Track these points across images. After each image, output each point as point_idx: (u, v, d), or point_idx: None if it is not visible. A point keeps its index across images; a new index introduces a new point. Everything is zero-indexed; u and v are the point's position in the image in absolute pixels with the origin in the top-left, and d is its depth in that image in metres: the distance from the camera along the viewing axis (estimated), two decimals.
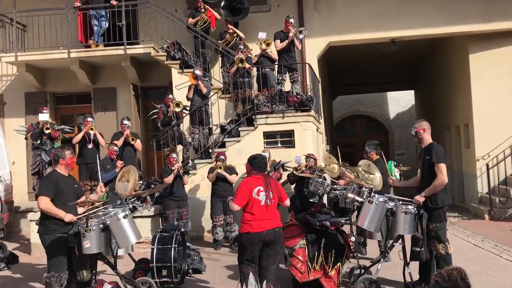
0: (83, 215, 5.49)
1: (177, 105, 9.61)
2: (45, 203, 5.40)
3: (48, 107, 11.52)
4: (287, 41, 9.90)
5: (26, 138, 9.77)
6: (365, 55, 15.13)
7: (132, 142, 9.44)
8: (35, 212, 8.78)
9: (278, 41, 10.00)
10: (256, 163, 5.39)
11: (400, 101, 23.70)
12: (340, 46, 12.27)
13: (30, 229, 8.82)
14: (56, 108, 12.55)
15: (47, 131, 9.20)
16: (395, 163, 9.69)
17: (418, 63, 17.77)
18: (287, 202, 5.54)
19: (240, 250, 5.28)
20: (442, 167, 5.66)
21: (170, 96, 9.90)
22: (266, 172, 8.31)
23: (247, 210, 5.19)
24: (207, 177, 8.79)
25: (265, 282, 5.20)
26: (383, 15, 11.49)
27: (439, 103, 15.47)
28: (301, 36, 10.04)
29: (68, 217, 5.43)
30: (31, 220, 8.65)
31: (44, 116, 9.26)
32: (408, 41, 12.45)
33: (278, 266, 5.37)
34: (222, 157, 8.65)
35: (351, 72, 18.40)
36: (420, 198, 5.70)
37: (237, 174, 8.77)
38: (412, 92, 22.11)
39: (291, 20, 10.04)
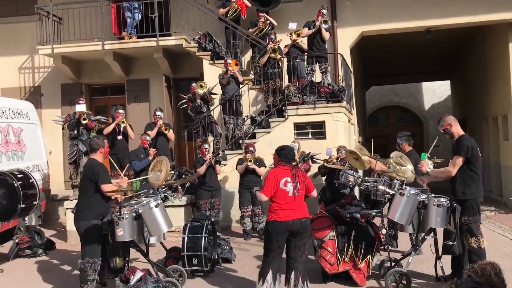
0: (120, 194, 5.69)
1: (201, 86, 9.65)
2: (109, 188, 5.68)
3: (83, 98, 11.83)
4: (313, 29, 9.81)
5: (63, 128, 10.04)
6: (400, 44, 14.81)
7: (166, 132, 9.57)
8: (71, 200, 9.05)
9: (306, 29, 9.94)
10: (284, 154, 5.39)
11: (435, 91, 23.13)
12: (374, 36, 12.05)
13: (66, 217, 9.10)
14: (91, 99, 12.84)
15: (84, 122, 9.44)
16: (429, 155, 9.47)
17: (455, 52, 17.28)
18: (314, 193, 5.52)
19: (266, 239, 5.31)
20: (458, 160, 5.54)
21: (194, 84, 9.95)
22: (294, 163, 8.37)
23: (274, 200, 5.21)
24: (236, 169, 8.82)
25: (293, 272, 5.21)
26: (418, 3, 11.21)
27: (477, 93, 15.02)
28: (325, 26, 9.88)
29: (122, 181, 5.91)
30: (67, 208, 8.92)
31: (81, 107, 9.51)
32: (445, 30, 12.11)
33: (306, 257, 5.35)
34: (251, 148, 8.66)
35: (385, 62, 18.05)
36: (420, 180, 5.92)
37: (265, 166, 8.78)
38: (448, 82, 21.54)
39: (323, 11, 9.93)
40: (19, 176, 7.02)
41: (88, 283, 5.60)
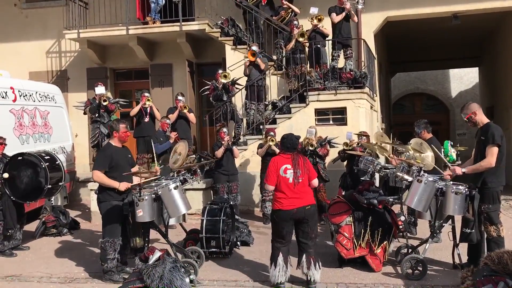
0: (137, 184, 5.77)
1: (225, 76, 9.70)
2: (99, 176, 5.74)
3: (108, 82, 12.04)
4: (344, 13, 9.70)
5: (84, 113, 10.25)
6: (426, 30, 14.51)
7: (185, 111, 9.68)
8: (94, 182, 9.26)
9: (334, 14, 9.81)
10: (284, 142, 5.48)
11: (463, 79, 22.63)
12: (399, 21, 11.84)
13: (90, 198, 9.32)
14: (116, 84, 13.05)
15: (104, 103, 9.62)
16: (452, 143, 9.35)
17: (484, 38, 16.82)
18: (315, 182, 5.49)
19: (273, 226, 5.41)
20: (494, 149, 5.41)
21: (220, 71, 10.00)
22: (312, 149, 8.37)
23: (277, 188, 5.31)
24: (257, 153, 8.88)
25: (304, 255, 5.29)
26: None
27: (505, 81, 14.61)
28: (359, 7, 9.74)
29: (122, 186, 5.74)
30: (91, 190, 9.11)
31: (101, 89, 9.72)
32: (473, 15, 11.81)
33: (317, 241, 5.40)
34: (271, 133, 8.68)
35: (410, 48, 17.72)
36: (458, 170, 5.59)
37: None
38: (476, 69, 21.02)
39: None
40: (46, 157, 7.23)
41: (108, 262, 5.78)
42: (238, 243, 7.24)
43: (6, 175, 6.90)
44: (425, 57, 18.98)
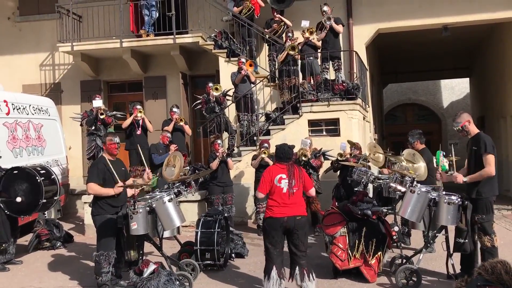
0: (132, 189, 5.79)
1: (216, 89, 9.76)
2: (93, 188, 5.75)
3: (102, 94, 12.05)
4: (325, 30, 9.84)
5: (81, 125, 10.26)
6: (417, 41, 14.69)
7: (181, 123, 9.75)
8: (88, 194, 9.25)
9: (319, 31, 9.97)
10: (277, 153, 5.55)
11: (454, 89, 22.89)
12: (390, 33, 11.99)
13: (84, 210, 9.30)
14: (110, 96, 13.06)
15: (101, 116, 9.64)
16: (444, 153, 9.42)
17: (474, 49, 17.06)
18: (312, 192, 5.60)
19: (264, 235, 5.44)
20: (491, 158, 5.48)
21: (210, 84, 10.05)
22: (306, 159, 8.42)
23: (270, 196, 5.35)
24: (251, 164, 8.91)
25: (297, 267, 5.30)
26: (435, 0, 11.11)
27: (496, 91, 14.81)
28: (328, 23, 9.86)
29: (116, 190, 5.78)
30: (85, 202, 9.12)
31: (98, 102, 9.76)
32: (463, 27, 11.98)
33: (307, 252, 5.41)
34: (265, 144, 8.72)
35: (402, 59, 17.93)
36: (460, 178, 5.61)
37: None
38: (467, 80, 21.28)
39: (324, 8, 9.95)
40: (42, 172, 7.23)
41: (102, 275, 5.76)
42: (233, 255, 7.24)
43: (19, 199, 6.90)
44: (417, 68, 19.19)
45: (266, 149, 8.65)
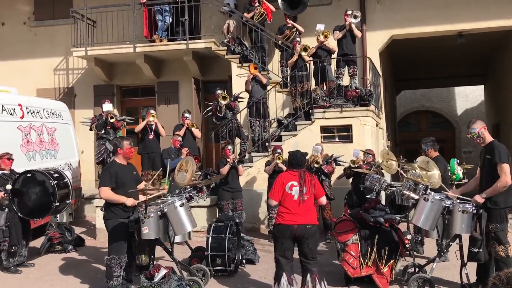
0: (143, 200, 5.78)
1: (223, 98, 9.77)
2: (106, 193, 5.75)
3: (114, 99, 12.15)
4: (344, 30, 9.78)
5: (91, 129, 10.31)
6: (431, 48, 14.58)
7: (192, 128, 9.78)
8: (100, 198, 9.28)
9: (337, 31, 9.90)
10: (289, 159, 5.52)
11: (468, 96, 22.64)
12: (404, 39, 11.92)
13: (96, 214, 9.33)
14: (122, 101, 13.14)
15: (111, 120, 9.69)
16: (458, 161, 9.32)
17: (489, 56, 16.88)
18: (323, 200, 5.54)
19: (274, 241, 5.42)
20: (506, 167, 5.37)
21: (218, 91, 10.02)
22: (317, 166, 8.36)
23: (282, 203, 5.32)
24: (264, 170, 8.87)
25: (308, 274, 5.26)
26: (450, 7, 11.05)
27: (510, 99, 14.63)
28: (354, 20, 9.81)
29: (130, 202, 5.76)
30: (96, 206, 9.15)
31: (108, 106, 9.82)
32: (478, 34, 11.87)
33: (317, 259, 5.36)
34: (278, 150, 8.69)
35: (416, 66, 17.80)
36: (479, 199, 5.47)
37: None
38: (482, 87, 21.06)
39: (349, 12, 9.91)
40: (55, 175, 7.27)
41: (113, 279, 5.76)
42: (244, 261, 7.20)
43: (9, 186, 6.92)
44: (431, 75, 19.03)
45: (280, 154, 8.61)
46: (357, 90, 9.75)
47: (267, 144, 9.85)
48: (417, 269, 6.02)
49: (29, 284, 6.57)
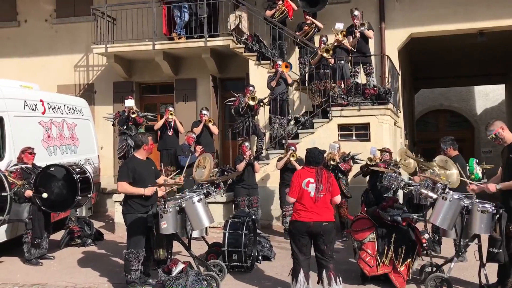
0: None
1: (253, 98, 9.79)
2: (124, 187, 5.84)
3: (133, 96, 12.26)
4: (357, 38, 9.82)
5: (113, 125, 10.48)
6: (451, 47, 14.42)
7: (210, 124, 9.85)
8: (119, 193, 9.41)
9: (351, 37, 9.90)
10: (307, 156, 5.52)
11: (488, 95, 22.34)
12: (423, 38, 11.81)
13: (114, 209, 9.46)
14: (141, 97, 13.27)
15: (133, 115, 9.83)
16: (477, 161, 9.21)
17: (510, 55, 16.63)
18: (337, 199, 5.47)
19: (291, 238, 5.43)
20: None
21: (251, 88, 10.08)
22: (334, 163, 8.36)
23: (298, 200, 5.32)
24: (275, 165, 8.89)
25: (324, 271, 5.27)
26: (470, 5, 10.92)
27: None
28: (362, 28, 9.81)
29: (148, 191, 5.84)
30: (115, 201, 9.28)
31: (130, 102, 9.99)
32: (499, 32, 11.70)
33: (333, 257, 5.38)
34: (292, 147, 8.68)
35: (435, 64, 17.62)
36: (492, 187, 5.45)
37: None
38: (502, 86, 20.75)
39: (355, 13, 9.89)
40: (77, 169, 7.42)
41: (131, 273, 5.85)
42: (260, 257, 7.24)
43: (45, 195, 7.06)
44: (450, 74, 18.83)
45: (294, 152, 8.61)
46: (375, 89, 9.70)
47: (284, 141, 9.87)
48: (434, 269, 5.98)
49: (50, 276, 6.70)
